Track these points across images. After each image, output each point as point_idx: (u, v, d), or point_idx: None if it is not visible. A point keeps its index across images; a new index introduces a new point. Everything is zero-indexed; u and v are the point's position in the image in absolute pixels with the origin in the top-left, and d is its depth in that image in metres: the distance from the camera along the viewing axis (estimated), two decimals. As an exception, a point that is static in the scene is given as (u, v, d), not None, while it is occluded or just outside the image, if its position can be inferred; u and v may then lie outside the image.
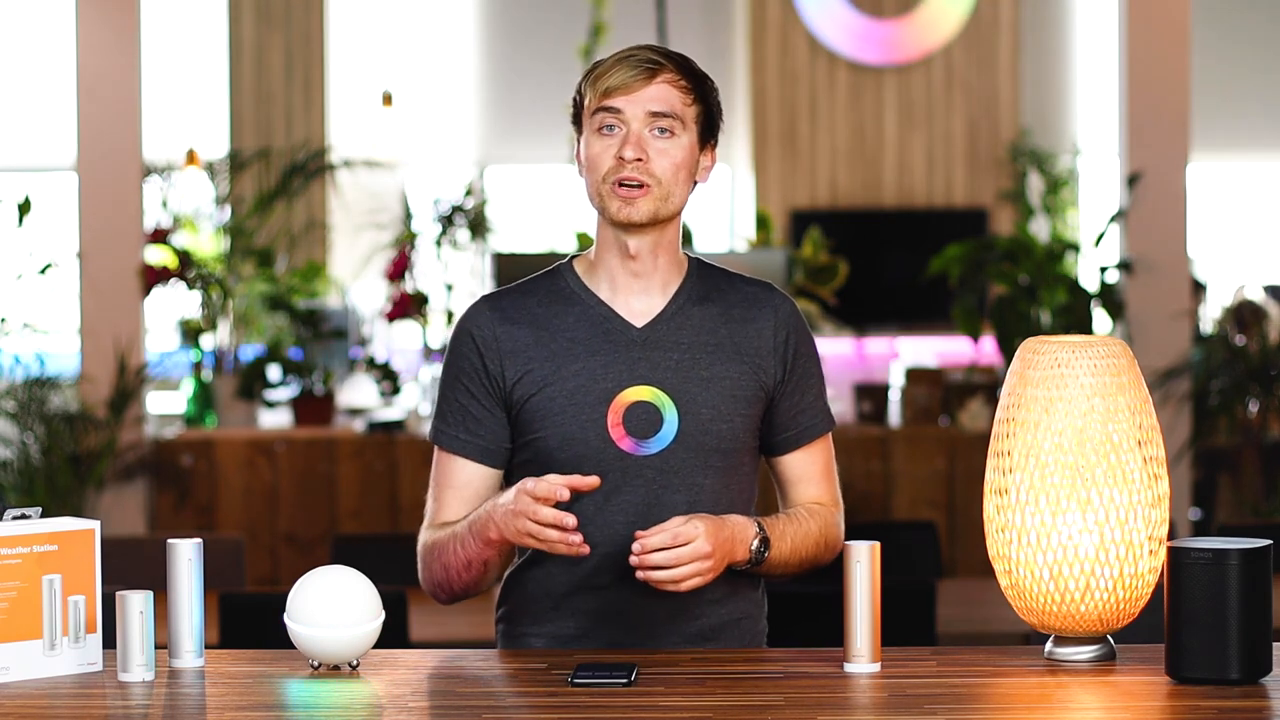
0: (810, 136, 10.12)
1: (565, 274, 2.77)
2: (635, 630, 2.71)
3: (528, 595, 2.76)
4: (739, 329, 2.75)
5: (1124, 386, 2.50)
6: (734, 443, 2.73)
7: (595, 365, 2.69)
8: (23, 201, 6.63)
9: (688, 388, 2.70)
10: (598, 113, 2.68)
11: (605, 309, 2.73)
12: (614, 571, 2.68)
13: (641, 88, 2.66)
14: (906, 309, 9.89)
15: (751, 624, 2.80)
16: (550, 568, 2.72)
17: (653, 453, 2.68)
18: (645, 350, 2.71)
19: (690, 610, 2.72)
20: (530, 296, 2.75)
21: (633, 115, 2.66)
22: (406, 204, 7.56)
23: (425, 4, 10.49)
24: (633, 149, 2.65)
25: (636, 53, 2.69)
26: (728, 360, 2.73)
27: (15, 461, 6.52)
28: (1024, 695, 2.39)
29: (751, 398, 2.74)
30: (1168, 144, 6.70)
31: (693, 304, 2.75)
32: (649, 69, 2.67)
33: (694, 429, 2.69)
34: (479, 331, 2.73)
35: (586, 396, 2.68)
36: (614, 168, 2.66)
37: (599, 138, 2.68)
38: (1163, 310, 6.67)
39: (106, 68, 6.57)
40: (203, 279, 7.04)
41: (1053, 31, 10.50)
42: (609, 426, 2.67)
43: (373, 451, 6.66)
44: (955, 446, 6.64)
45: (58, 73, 9.12)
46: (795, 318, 2.79)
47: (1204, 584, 2.37)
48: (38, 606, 2.50)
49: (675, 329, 2.73)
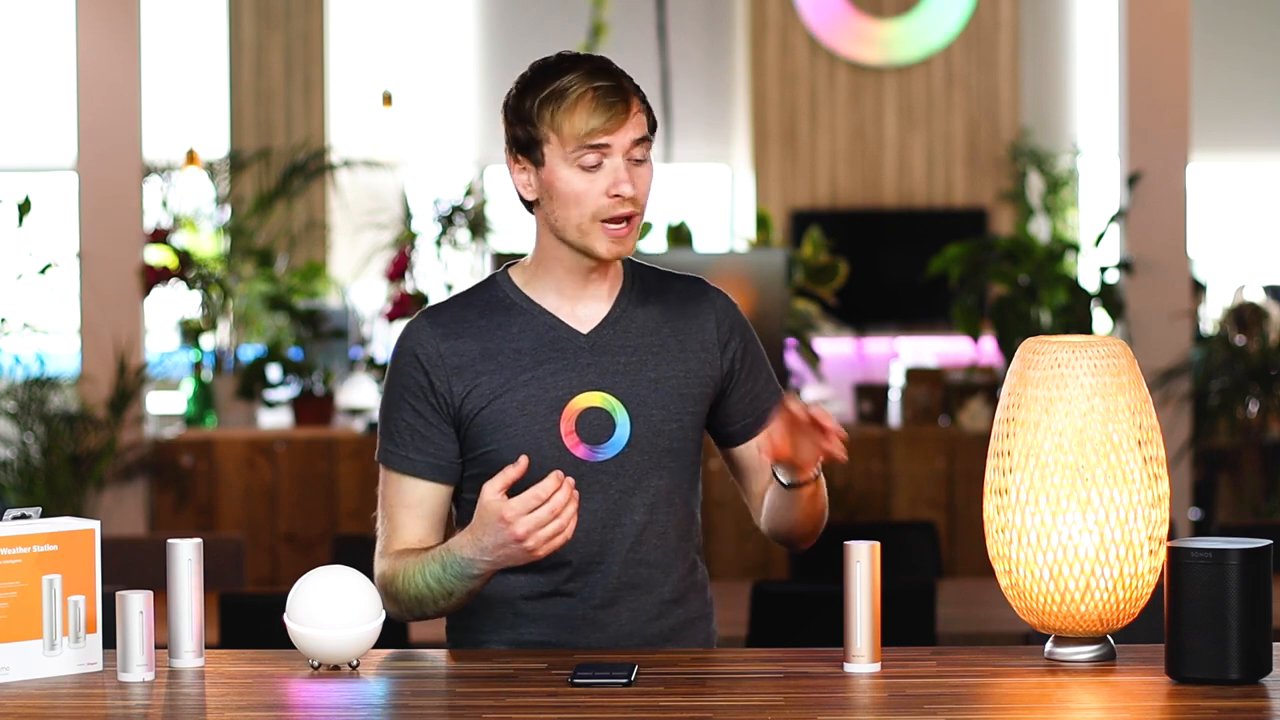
0: (810, 136, 10.12)
1: (503, 284, 2.74)
2: (597, 636, 2.70)
3: (486, 602, 2.73)
4: (681, 326, 2.74)
5: (1124, 386, 2.50)
6: (684, 442, 2.72)
7: (544, 374, 2.67)
8: (23, 201, 6.64)
9: (637, 390, 2.69)
10: (578, 151, 2.61)
11: (550, 317, 2.70)
12: (577, 578, 2.68)
13: (624, 121, 2.62)
14: (906, 309, 9.90)
15: (705, 624, 2.81)
16: (511, 574, 2.69)
17: (608, 458, 2.67)
18: (594, 356, 2.69)
19: (651, 612, 2.72)
20: (470, 309, 2.72)
21: (618, 148, 2.63)
22: (406, 204, 7.56)
23: (425, 4, 10.49)
24: (629, 185, 2.62)
25: (596, 83, 2.61)
26: (673, 360, 2.72)
27: (15, 461, 6.52)
28: (1024, 695, 2.39)
29: (699, 395, 2.73)
30: (1168, 144, 6.70)
31: (635, 306, 2.74)
32: (622, 101, 2.62)
33: (647, 431, 2.68)
34: (422, 349, 2.70)
35: (538, 406, 2.66)
36: (608, 205, 2.62)
37: (581, 174, 2.62)
38: (1163, 310, 6.67)
39: (106, 68, 6.57)
40: (203, 279, 7.05)
41: (1053, 31, 10.50)
42: (562, 435, 2.66)
43: (372, 451, 6.63)
44: (955, 446, 6.64)
45: (58, 73, 9.12)
46: (732, 309, 2.80)
47: (1204, 584, 2.37)
48: (38, 606, 2.50)
49: (620, 333, 2.71)
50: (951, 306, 7.03)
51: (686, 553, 2.76)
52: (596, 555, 2.68)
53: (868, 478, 6.57)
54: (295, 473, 6.65)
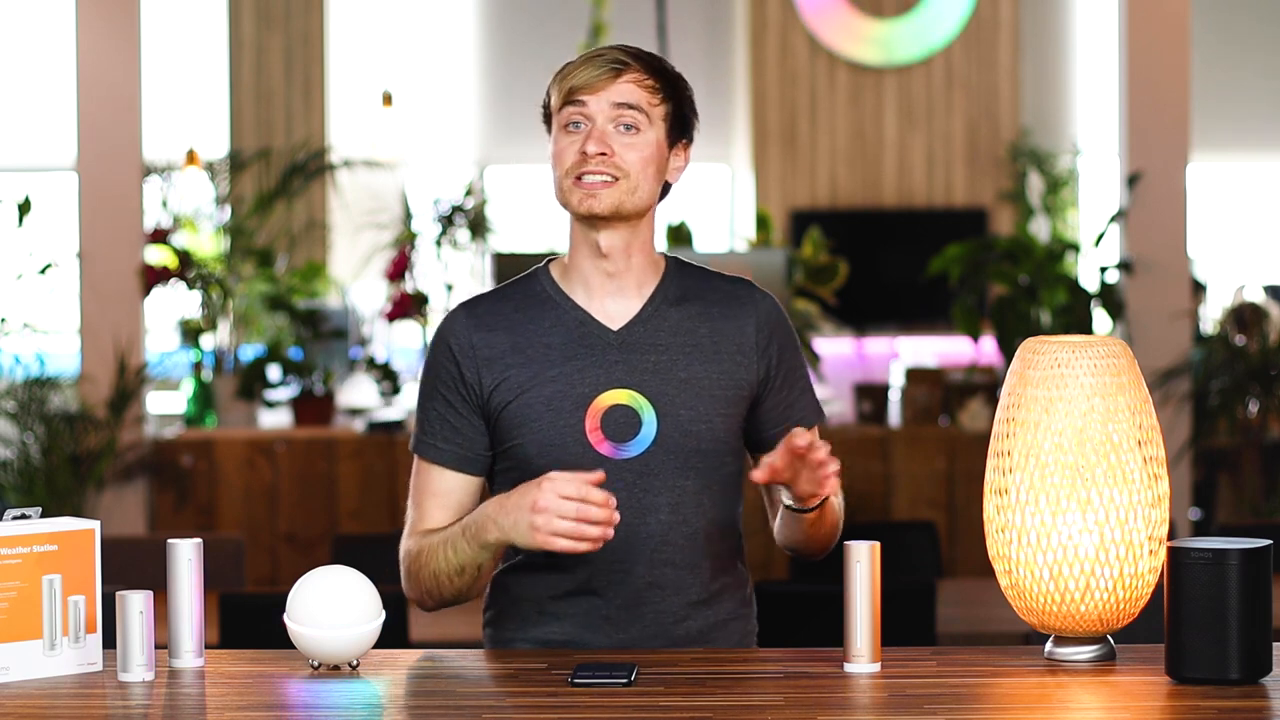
0: (810, 136, 10.12)
1: (541, 278, 2.76)
2: (623, 635, 2.70)
3: (514, 600, 2.74)
4: (719, 328, 2.73)
5: (1124, 386, 2.50)
6: (715, 444, 2.71)
7: (572, 370, 2.67)
8: (23, 201, 6.63)
9: (666, 390, 2.68)
10: (564, 108, 2.67)
11: (581, 313, 2.71)
12: (601, 577, 2.68)
13: (607, 85, 2.66)
14: (906, 309, 9.90)
15: (741, 624, 2.79)
16: (537, 573, 2.71)
17: (632, 456, 2.67)
18: (622, 353, 2.69)
19: (678, 614, 2.71)
20: (507, 302, 2.73)
21: (598, 111, 2.66)
22: (406, 204, 7.56)
23: (425, 4, 10.49)
24: (595, 144, 2.64)
25: (605, 52, 2.69)
26: (707, 360, 2.71)
27: (15, 461, 6.52)
28: (1024, 695, 2.39)
29: (733, 398, 2.72)
30: (1168, 144, 6.70)
31: (669, 305, 2.73)
32: (614, 68, 2.66)
33: (673, 431, 2.68)
34: (455, 340, 2.71)
35: (564, 402, 2.66)
36: (577, 163, 2.65)
37: (564, 134, 2.67)
38: (1163, 310, 6.67)
39: (106, 68, 6.57)
40: (203, 279, 7.04)
41: (1053, 31, 10.50)
42: (587, 431, 2.66)
43: (373, 451, 6.66)
44: (955, 446, 6.64)
45: (58, 73, 9.12)
46: (776, 313, 2.78)
47: (1204, 584, 2.37)
48: (38, 606, 2.50)
49: (652, 331, 2.71)
50: (951, 306, 7.03)
51: (718, 555, 2.74)
52: (620, 554, 2.67)
53: (868, 478, 6.57)
54: (295, 473, 6.65)
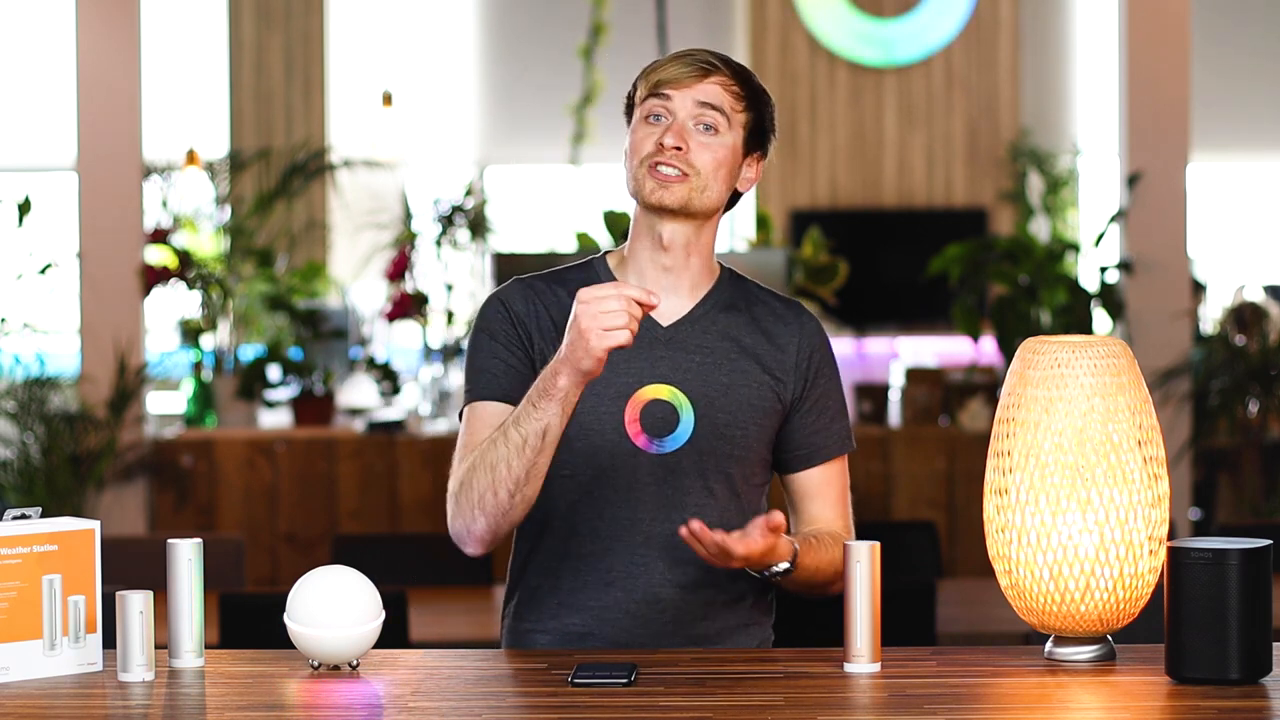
0: (810, 136, 10.12)
1: (597, 266, 2.79)
2: (640, 632, 2.71)
3: (534, 591, 2.76)
4: (763, 341, 2.76)
5: (1124, 386, 2.50)
6: (747, 451, 2.73)
7: (617, 359, 2.66)
8: (23, 201, 6.63)
9: (707, 391, 2.71)
10: (647, 100, 2.71)
11: None
12: (620, 568, 2.69)
13: (693, 83, 2.70)
14: (906, 309, 9.90)
15: (759, 630, 2.80)
16: (558, 564, 2.73)
17: (666, 451, 2.69)
18: (668, 349, 2.72)
19: (697, 613, 2.72)
20: (562, 287, 2.75)
21: (680, 107, 2.70)
22: (406, 204, 7.56)
23: (425, 4, 10.49)
24: (673, 137, 2.68)
25: (695, 52, 2.74)
26: (749, 370, 2.74)
27: (15, 461, 6.52)
28: (1024, 695, 2.39)
29: (769, 409, 2.74)
30: (1168, 144, 6.70)
31: (720, 310, 2.76)
32: (703, 68, 2.71)
33: (709, 432, 2.70)
34: (510, 304, 2.74)
35: (606, 389, 2.68)
36: (653, 153, 2.68)
37: (644, 125, 2.71)
38: (1163, 310, 6.67)
39: (106, 68, 6.57)
40: (203, 279, 7.04)
41: (1053, 31, 10.50)
42: (625, 422, 2.68)
43: (373, 451, 6.66)
44: (955, 446, 6.64)
45: (58, 73, 9.12)
46: (820, 339, 2.82)
47: (1204, 584, 2.37)
48: (38, 606, 2.50)
49: (700, 332, 2.74)
50: (951, 306, 7.02)
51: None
52: (643, 549, 2.68)
53: (868, 478, 6.57)
54: (295, 473, 6.65)
